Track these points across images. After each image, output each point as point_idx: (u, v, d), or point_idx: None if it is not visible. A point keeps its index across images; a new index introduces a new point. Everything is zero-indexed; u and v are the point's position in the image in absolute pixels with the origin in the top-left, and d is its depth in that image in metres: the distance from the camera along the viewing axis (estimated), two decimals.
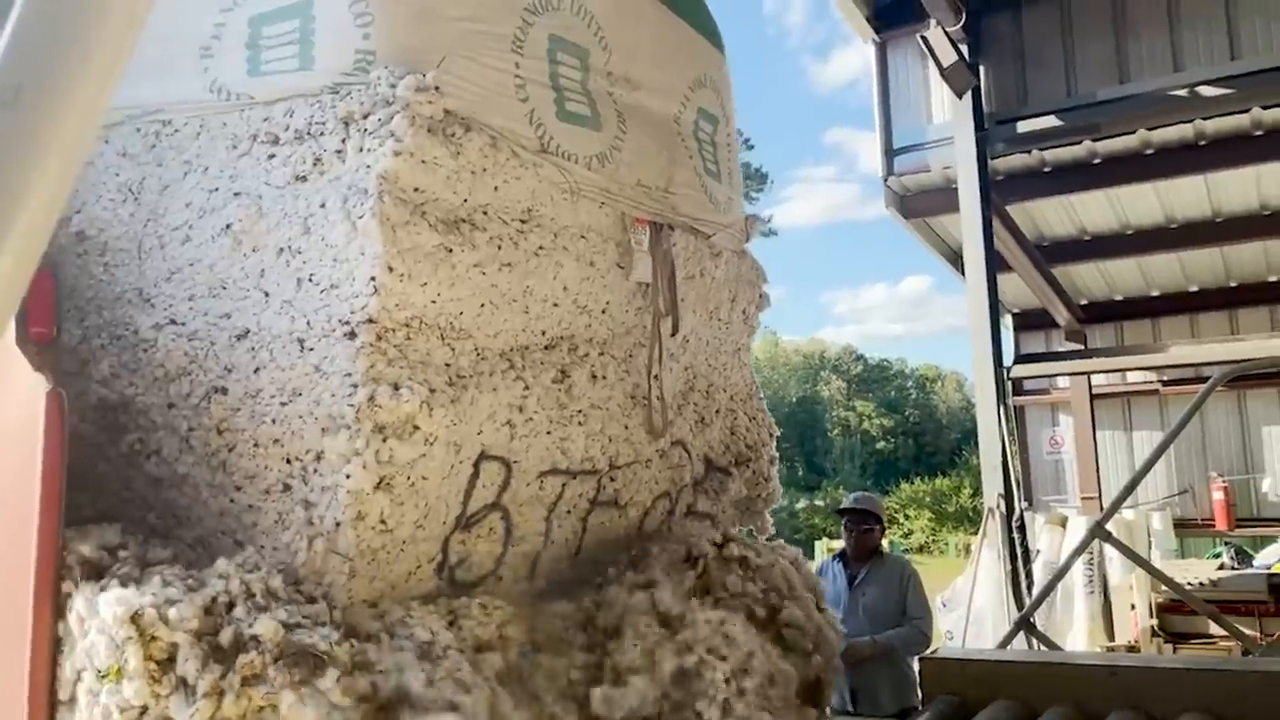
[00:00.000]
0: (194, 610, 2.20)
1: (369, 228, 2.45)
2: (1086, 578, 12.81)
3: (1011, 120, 11.63)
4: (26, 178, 0.69)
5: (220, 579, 2.31)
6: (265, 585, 2.31)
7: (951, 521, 34.42)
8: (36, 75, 0.68)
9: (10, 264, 0.70)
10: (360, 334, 2.44)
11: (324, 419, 2.42)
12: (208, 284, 2.67)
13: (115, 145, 2.93)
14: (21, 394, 2.47)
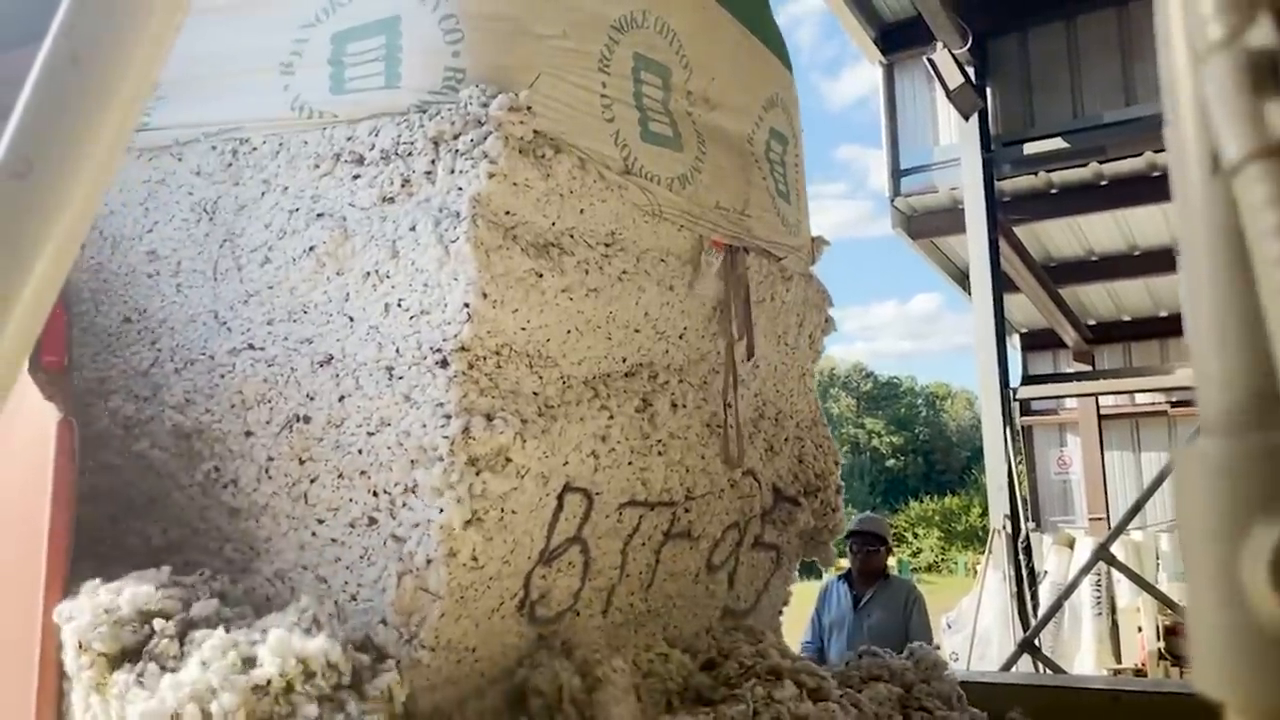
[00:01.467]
0: (240, 698, 2.01)
1: (463, 252, 2.30)
2: (1094, 599, 12.66)
3: (1018, 142, 11.54)
4: (37, 243, 0.70)
5: (275, 657, 2.07)
6: (326, 660, 2.10)
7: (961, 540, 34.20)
8: (47, 148, 0.69)
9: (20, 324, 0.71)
10: (453, 362, 2.29)
11: (414, 450, 2.27)
12: (288, 308, 2.53)
13: (189, 163, 2.78)
14: (33, 423, 2.34)
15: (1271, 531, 0.38)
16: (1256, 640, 0.39)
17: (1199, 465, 0.41)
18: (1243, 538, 0.39)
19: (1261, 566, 0.38)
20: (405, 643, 2.26)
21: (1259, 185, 0.36)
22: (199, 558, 2.54)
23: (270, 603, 2.42)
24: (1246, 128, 0.37)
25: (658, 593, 3.05)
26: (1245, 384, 0.41)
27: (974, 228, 11.09)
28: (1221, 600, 0.40)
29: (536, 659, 2.57)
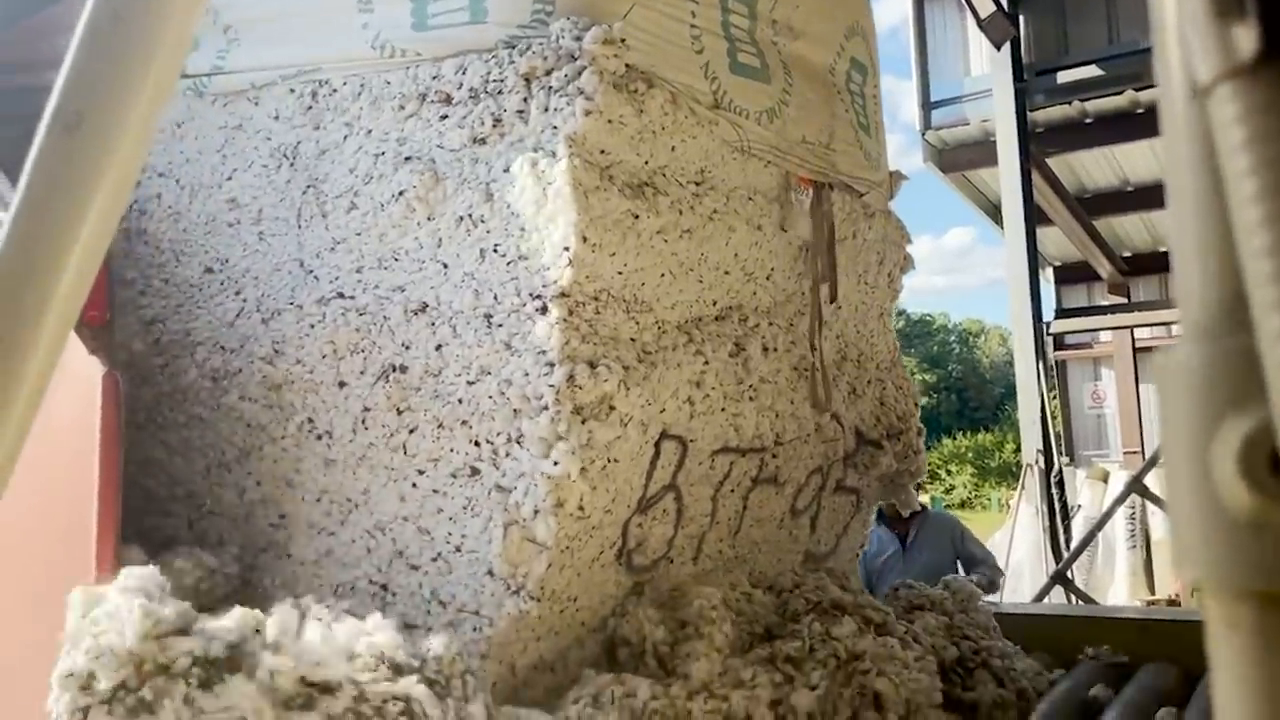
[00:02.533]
0: None
1: (561, 194, 2.18)
2: (1129, 532, 12.53)
3: (1051, 71, 11.16)
4: (89, 192, 0.71)
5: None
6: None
7: (994, 477, 33.92)
8: (96, 101, 0.70)
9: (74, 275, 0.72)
10: (553, 308, 2.18)
11: (517, 399, 2.17)
12: (378, 255, 2.42)
13: (267, 108, 2.66)
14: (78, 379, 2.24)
15: (1239, 426, 0.40)
16: (1227, 526, 0.41)
17: (1177, 369, 0.43)
18: (1215, 432, 0.41)
19: (1230, 457, 0.40)
20: (512, 594, 2.18)
21: (1227, 105, 0.38)
22: (294, 510, 2.47)
23: (371, 555, 2.35)
24: (1215, 50, 0.38)
25: (744, 539, 2.96)
26: (1218, 293, 0.43)
27: (1006, 160, 10.77)
28: (1196, 491, 0.42)
29: (624, 607, 2.50)
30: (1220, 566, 0.42)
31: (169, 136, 2.81)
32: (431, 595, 2.26)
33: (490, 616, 2.19)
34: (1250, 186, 0.39)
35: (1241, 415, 0.40)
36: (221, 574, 2.42)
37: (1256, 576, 0.40)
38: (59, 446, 2.25)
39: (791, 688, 2.34)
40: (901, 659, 2.58)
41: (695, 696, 2.19)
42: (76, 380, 2.27)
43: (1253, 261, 0.39)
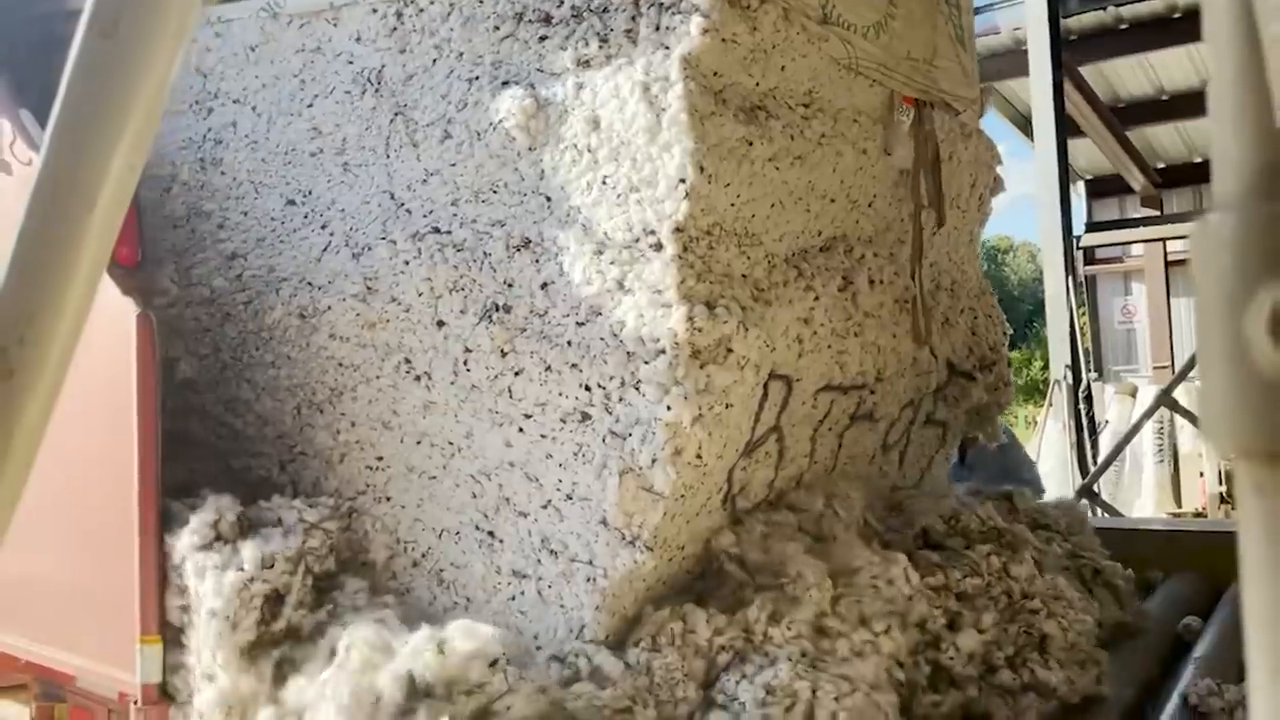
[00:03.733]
0: None
1: (678, 120, 1.98)
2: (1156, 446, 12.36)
3: None
4: (127, 99, 0.69)
5: None
6: None
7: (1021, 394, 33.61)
8: (130, 8, 0.69)
9: (115, 182, 0.71)
10: (668, 244, 2.00)
11: (631, 342, 2.01)
12: (474, 187, 2.23)
13: (347, 29, 2.45)
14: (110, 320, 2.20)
15: (1273, 290, 0.39)
16: (1259, 388, 0.40)
17: (1212, 236, 0.42)
18: (1248, 298, 0.40)
19: (1263, 322, 0.39)
20: (627, 544, 2.06)
21: None
22: (391, 452, 2.34)
23: (476, 500, 2.22)
24: None
25: (838, 476, 2.82)
26: (1254, 160, 0.42)
27: (1037, 69, 10.22)
28: (1229, 355, 0.41)
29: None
30: (1252, 430, 0.41)
31: (243, 60, 2.61)
32: (542, 544, 2.14)
33: (604, 567, 2.07)
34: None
35: (1276, 281, 0.39)
36: (321, 529, 2.30)
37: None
38: (95, 388, 2.18)
39: (955, 627, 2.20)
40: (1068, 599, 2.45)
41: (780, 622, 2.04)
42: (111, 321, 2.21)
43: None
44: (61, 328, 0.71)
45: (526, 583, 2.15)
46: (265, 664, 2.11)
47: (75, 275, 0.72)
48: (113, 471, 2.22)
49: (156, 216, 2.76)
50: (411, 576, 2.28)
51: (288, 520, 2.31)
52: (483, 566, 2.20)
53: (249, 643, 2.10)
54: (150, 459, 2.19)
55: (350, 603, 2.22)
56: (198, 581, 2.16)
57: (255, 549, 2.18)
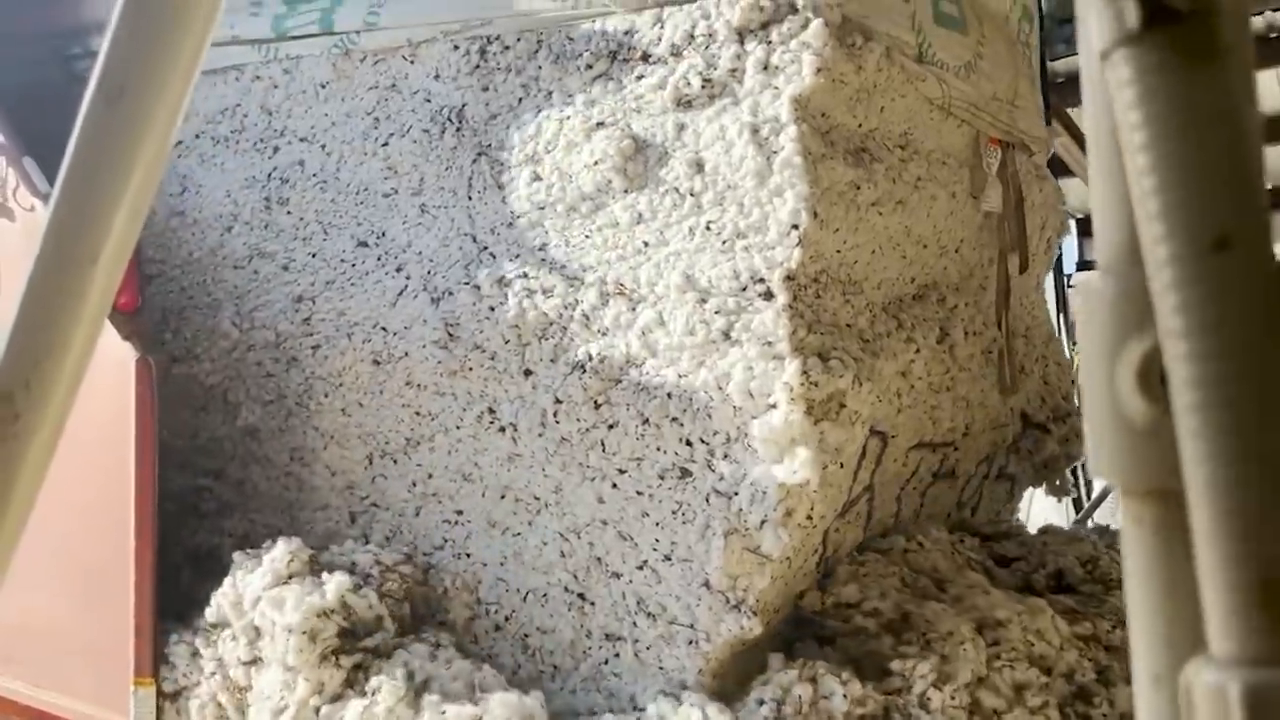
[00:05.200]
0: None
1: (792, 163, 1.85)
2: None
3: (1071, 20, 10.56)
4: (130, 163, 0.72)
5: None
6: None
7: None
8: (136, 75, 0.71)
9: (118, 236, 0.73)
10: (779, 293, 1.87)
11: (739, 395, 1.87)
12: (564, 231, 2.10)
13: (425, 66, 2.32)
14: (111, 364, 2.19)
15: (1138, 346, 0.44)
16: (1129, 432, 0.45)
17: (1092, 296, 0.47)
18: (1119, 352, 0.45)
19: (1130, 373, 0.44)
20: (731, 609, 1.90)
21: (1120, 68, 0.41)
22: (472, 506, 2.19)
23: (565, 560, 2.07)
24: (1109, 21, 0.42)
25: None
26: (1121, 232, 0.47)
27: None
28: (1105, 402, 0.46)
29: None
30: (1126, 469, 0.45)
31: (312, 98, 2.48)
32: (638, 606, 1.99)
33: (707, 631, 1.92)
34: (1139, 138, 0.41)
35: (1139, 338, 0.44)
36: (397, 571, 2.15)
37: (1154, 476, 0.43)
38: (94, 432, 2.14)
39: (1106, 681, 2.03)
40: None
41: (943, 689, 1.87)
42: (111, 366, 2.17)
43: (1140, 203, 0.42)
44: (65, 373, 0.74)
45: (621, 645, 2.00)
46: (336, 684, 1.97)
47: (79, 323, 0.74)
48: (110, 515, 2.19)
49: (215, 258, 2.62)
50: (494, 641, 2.12)
51: (362, 563, 2.17)
52: (572, 631, 2.04)
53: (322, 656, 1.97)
54: (147, 503, 2.16)
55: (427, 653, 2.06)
56: (275, 612, 2.02)
57: (335, 580, 2.05)
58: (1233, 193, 0.41)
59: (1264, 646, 0.39)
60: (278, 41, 2.50)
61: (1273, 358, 0.40)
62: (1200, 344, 0.40)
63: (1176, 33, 0.41)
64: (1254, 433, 0.40)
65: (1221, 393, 0.40)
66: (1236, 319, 0.40)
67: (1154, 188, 0.41)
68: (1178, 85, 0.41)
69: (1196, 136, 0.41)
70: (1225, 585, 0.40)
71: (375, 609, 2.07)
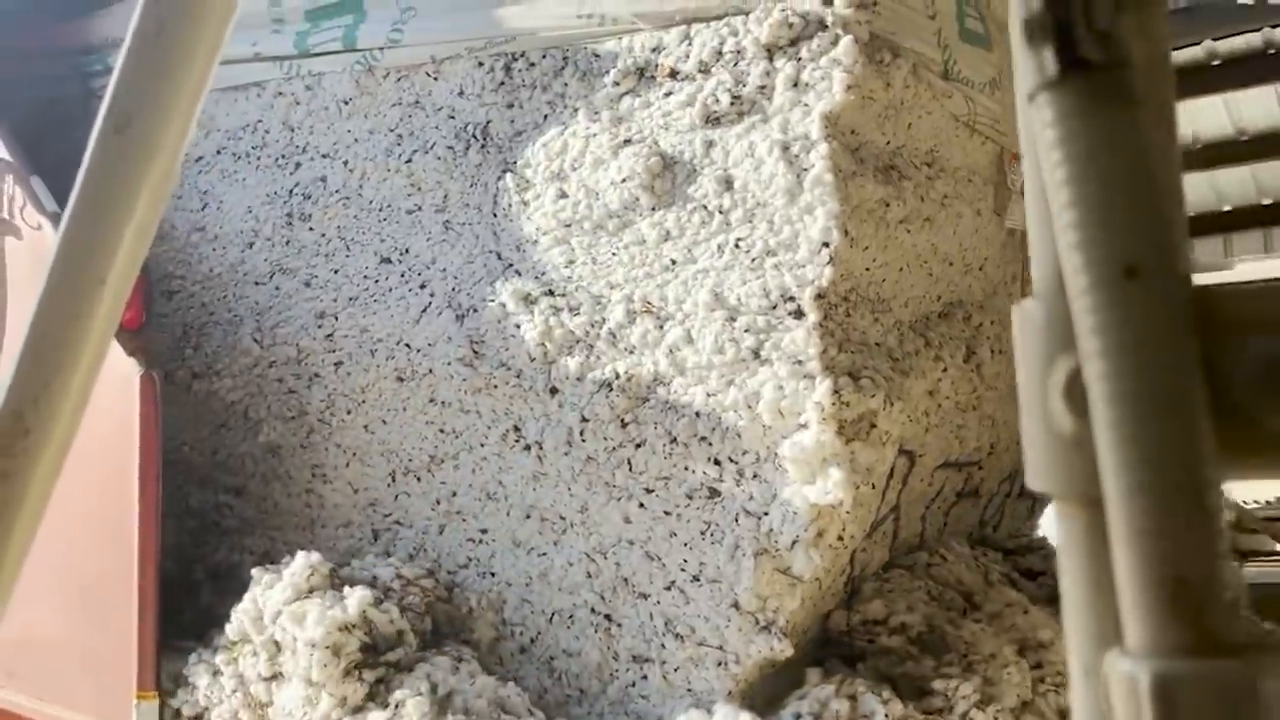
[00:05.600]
0: None
1: (823, 181, 1.83)
2: None
3: None
4: (136, 188, 0.75)
5: None
6: None
7: None
8: (143, 104, 0.74)
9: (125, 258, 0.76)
10: (809, 312, 1.84)
11: (769, 414, 1.84)
12: (591, 248, 2.08)
13: (449, 83, 2.31)
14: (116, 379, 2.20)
15: (1065, 365, 0.47)
16: (1058, 442, 0.48)
17: (1026, 320, 0.51)
18: (1049, 370, 0.48)
19: (1058, 389, 0.47)
20: (761, 630, 1.87)
21: (1043, 110, 0.46)
22: (496, 524, 2.16)
23: (591, 580, 2.04)
24: (1033, 68, 0.46)
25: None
26: (1049, 261, 0.50)
27: None
28: (1038, 416, 0.49)
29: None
30: (1056, 477, 0.49)
31: (334, 114, 2.47)
32: (665, 627, 1.95)
33: (736, 653, 1.88)
34: (1060, 175, 0.45)
35: (1066, 358, 0.47)
36: (419, 585, 2.12)
37: (1080, 484, 0.46)
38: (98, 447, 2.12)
39: None
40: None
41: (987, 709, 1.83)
42: (115, 382, 2.17)
43: (1061, 235, 0.46)
44: (74, 390, 0.76)
45: (649, 667, 1.96)
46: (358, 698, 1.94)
47: (87, 342, 0.76)
48: (113, 530, 2.20)
49: (236, 273, 2.60)
50: (520, 664, 2.09)
51: (383, 577, 2.14)
52: (599, 653, 2.01)
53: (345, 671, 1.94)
54: (151, 517, 2.17)
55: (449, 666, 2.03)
56: (295, 627, 1.99)
57: (356, 594, 2.03)
58: (1142, 226, 0.45)
59: (1170, 638, 0.42)
60: (300, 58, 2.49)
61: (1178, 376, 0.44)
62: (1113, 363, 0.44)
63: (1091, 81, 0.45)
64: (1161, 444, 0.43)
65: (1132, 408, 0.43)
66: (1145, 341, 0.44)
67: (1072, 221, 0.45)
68: (1092, 128, 0.44)
69: (1109, 175, 0.44)
70: (1137, 582, 0.43)
71: (397, 623, 2.05)
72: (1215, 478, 0.43)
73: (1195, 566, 0.42)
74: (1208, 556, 0.43)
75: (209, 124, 2.67)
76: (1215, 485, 0.43)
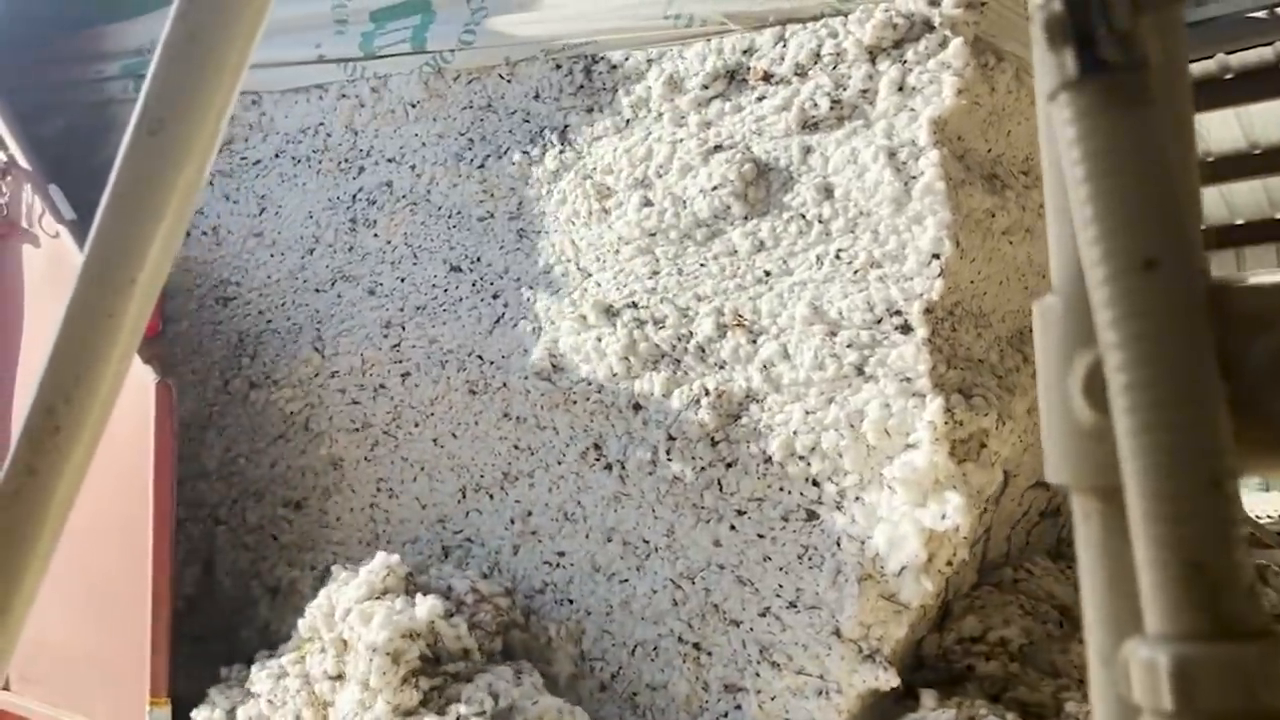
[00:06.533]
0: None
1: (933, 189, 1.71)
2: None
3: None
4: (168, 193, 0.76)
5: None
6: None
7: None
8: (175, 109, 0.75)
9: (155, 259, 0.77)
10: (918, 327, 1.72)
11: (874, 434, 1.72)
12: (677, 259, 1.96)
13: (524, 85, 2.20)
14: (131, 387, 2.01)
15: (1085, 358, 0.47)
16: (1078, 435, 0.48)
17: (1047, 314, 0.50)
18: (1069, 364, 0.49)
19: (1078, 382, 0.48)
20: (865, 659, 1.75)
21: (1064, 109, 0.46)
22: (574, 547, 2.04)
23: (678, 608, 1.92)
24: (1053, 69, 0.46)
25: None
26: (1069, 254, 0.50)
27: None
28: (1058, 409, 0.49)
29: None
30: (1074, 468, 0.49)
31: (401, 118, 2.36)
32: (760, 655, 1.83)
33: (838, 682, 1.76)
34: (1079, 171, 0.45)
35: (1085, 351, 0.47)
36: (493, 603, 2.01)
37: (1099, 474, 0.47)
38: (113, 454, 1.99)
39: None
40: None
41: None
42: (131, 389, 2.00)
43: (1081, 230, 0.46)
44: (103, 388, 0.77)
45: (744, 696, 1.84)
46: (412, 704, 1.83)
47: (117, 341, 0.76)
48: (127, 536, 2.19)
49: (296, 280, 2.50)
50: (600, 703, 1.96)
51: (458, 589, 2.03)
52: (687, 684, 1.89)
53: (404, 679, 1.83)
54: (165, 525, 2.16)
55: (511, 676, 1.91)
56: (362, 626, 1.89)
57: (427, 604, 1.92)
58: (1160, 219, 0.45)
59: (1188, 623, 0.42)
60: (365, 60, 2.38)
61: (1196, 365, 0.44)
62: (1132, 353, 0.44)
63: (1110, 81, 0.45)
64: (1179, 430, 0.43)
65: (1151, 396, 0.43)
66: (1164, 330, 0.44)
67: (1091, 216, 0.45)
68: (1111, 127, 0.45)
69: (1127, 171, 0.45)
70: (1155, 568, 0.43)
71: (464, 640, 1.93)
72: (1232, 465, 0.43)
73: (1213, 552, 0.43)
74: (1225, 542, 0.43)
75: (268, 126, 2.57)
76: (1232, 473, 0.43)
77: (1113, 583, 0.48)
